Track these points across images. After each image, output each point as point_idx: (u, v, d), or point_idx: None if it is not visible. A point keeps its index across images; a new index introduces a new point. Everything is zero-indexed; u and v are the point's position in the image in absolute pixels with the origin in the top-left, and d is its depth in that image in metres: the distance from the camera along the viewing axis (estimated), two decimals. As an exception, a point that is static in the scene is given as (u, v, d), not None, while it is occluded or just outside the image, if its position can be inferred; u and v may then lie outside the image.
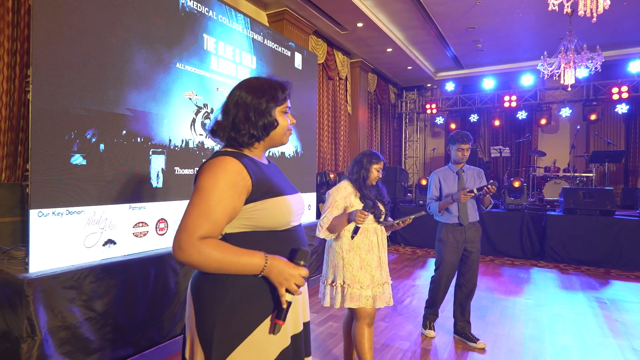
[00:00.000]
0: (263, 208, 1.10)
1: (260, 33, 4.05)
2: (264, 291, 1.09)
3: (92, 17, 2.53)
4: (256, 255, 1.04)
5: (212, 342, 1.04)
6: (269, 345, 1.08)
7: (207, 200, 1.02)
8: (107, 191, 2.62)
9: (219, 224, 1.03)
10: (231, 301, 1.05)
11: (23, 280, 2.09)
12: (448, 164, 3.04)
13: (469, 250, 2.90)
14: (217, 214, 1.02)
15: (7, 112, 3.21)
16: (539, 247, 5.96)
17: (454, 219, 2.89)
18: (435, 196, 3.00)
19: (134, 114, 2.79)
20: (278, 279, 1.05)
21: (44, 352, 2.11)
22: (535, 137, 9.86)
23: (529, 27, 7.15)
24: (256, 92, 1.16)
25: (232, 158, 1.09)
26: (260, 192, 1.10)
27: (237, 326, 1.05)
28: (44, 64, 2.28)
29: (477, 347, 2.81)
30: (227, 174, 1.05)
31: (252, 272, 1.04)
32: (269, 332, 1.08)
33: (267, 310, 1.09)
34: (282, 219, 1.14)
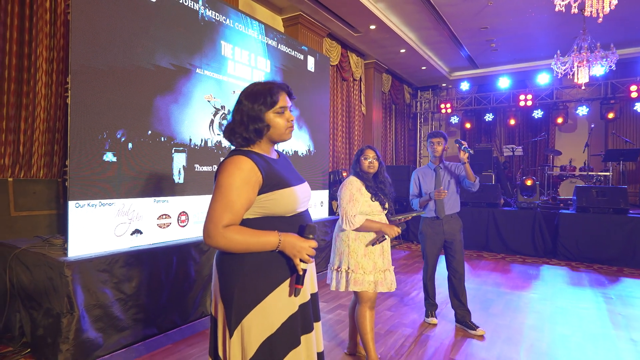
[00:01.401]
0: (273, 198, 1.30)
1: (274, 38, 4.29)
2: (274, 265, 1.29)
3: (121, 29, 2.81)
4: (271, 235, 1.26)
5: (232, 306, 1.26)
6: (278, 310, 1.28)
7: (228, 196, 1.23)
8: (135, 185, 2.89)
9: (239, 214, 1.25)
10: (247, 272, 1.27)
11: (63, 262, 2.37)
12: (429, 162, 3.27)
13: (449, 241, 3.11)
14: (236, 206, 1.24)
15: (45, 115, 3.54)
16: (551, 245, 5.99)
17: (431, 213, 3.12)
18: (415, 193, 3.25)
19: (158, 115, 3.06)
20: (292, 252, 1.26)
21: (81, 327, 2.39)
22: (552, 136, 9.79)
23: (543, 26, 7.17)
24: (250, 98, 1.35)
25: (245, 157, 1.28)
26: (270, 184, 1.30)
27: (252, 293, 1.26)
28: (80, 72, 2.56)
29: (476, 334, 2.96)
30: (242, 172, 1.25)
31: (269, 248, 1.26)
32: (289, 295, 1.30)
33: (277, 281, 1.29)
34: (290, 207, 1.33)
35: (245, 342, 1.25)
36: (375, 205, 2.39)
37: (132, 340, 2.70)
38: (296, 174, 1.49)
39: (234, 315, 1.25)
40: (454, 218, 3.12)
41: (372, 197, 2.38)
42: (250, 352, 1.24)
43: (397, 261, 5.56)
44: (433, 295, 3.25)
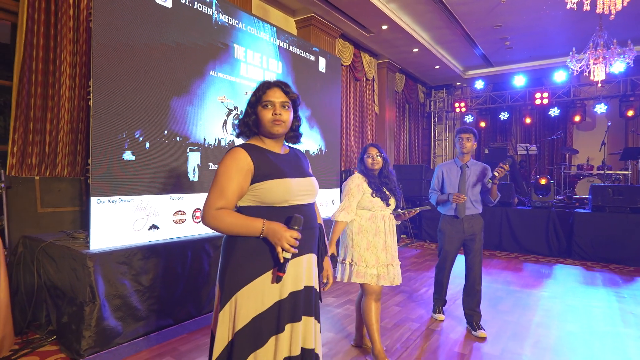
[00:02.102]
0: (264, 187, 1.40)
1: (285, 40, 4.40)
2: (262, 252, 1.39)
3: (139, 34, 2.96)
4: (257, 221, 1.35)
5: (224, 284, 1.39)
6: (266, 294, 1.38)
7: (221, 182, 1.38)
8: (152, 183, 3.04)
9: (230, 199, 1.38)
10: (237, 256, 1.39)
11: (86, 255, 2.53)
12: (455, 158, 3.20)
13: (469, 240, 3.06)
14: (227, 191, 1.37)
15: (69, 117, 3.74)
16: (565, 245, 5.93)
17: (451, 212, 3.07)
18: (435, 188, 3.21)
19: (174, 116, 3.21)
20: (273, 240, 1.34)
21: (102, 315, 2.55)
22: (570, 135, 9.63)
23: (559, 23, 7.08)
24: (252, 93, 1.51)
25: (240, 148, 1.42)
26: (261, 174, 1.40)
27: (241, 275, 1.37)
28: (101, 76, 2.73)
29: (477, 335, 2.92)
30: (235, 161, 1.39)
31: (254, 233, 1.35)
32: (271, 282, 1.38)
33: (265, 267, 1.38)
34: (281, 197, 1.41)
35: (236, 315, 1.35)
36: (376, 201, 2.46)
37: (150, 329, 2.85)
38: (302, 169, 1.56)
39: (225, 291, 1.38)
40: (475, 217, 3.06)
41: (372, 193, 2.46)
42: (239, 324, 1.35)
43: (409, 259, 5.60)
44: (445, 293, 3.26)
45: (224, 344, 1.36)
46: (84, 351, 2.47)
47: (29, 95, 3.48)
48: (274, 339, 1.38)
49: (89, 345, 2.48)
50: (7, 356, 2.47)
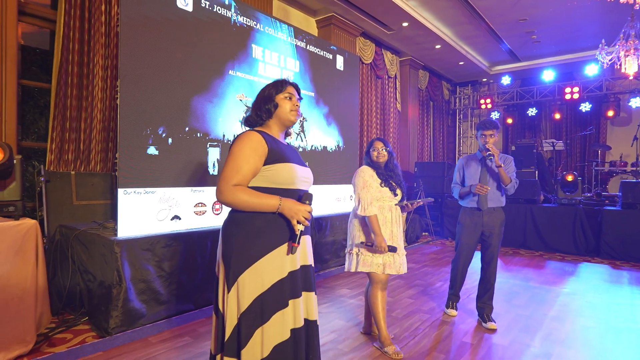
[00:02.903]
0: (274, 169, 1.51)
1: (303, 40, 4.53)
2: (268, 232, 1.48)
3: (162, 37, 3.17)
4: (273, 198, 1.47)
5: (230, 265, 1.46)
6: (271, 271, 1.47)
7: (237, 160, 1.47)
8: (174, 176, 3.24)
9: (246, 177, 1.48)
10: (244, 236, 1.47)
11: (113, 241, 2.75)
12: (477, 151, 3.14)
13: (487, 234, 3.03)
14: (244, 169, 1.46)
15: (101, 116, 4.01)
16: (594, 243, 5.74)
17: (473, 204, 3.04)
18: (457, 181, 3.19)
19: (195, 114, 3.40)
20: (290, 214, 1.46)
21: (128, 297, 2.76)
22: (604, 131, 9.25)
23: (589, 14, 6.84)
24: (265, 88, 1.67)
25: (256, 132, 1.54)
26: (273, 157, 1.52)
27: (248, 254, 1.46)
28: (128, 77, 2.94)
29: (487, 327, 2.93)
30: (251, 142, 1.50)
31: (270, 209, 1.46)
32: (287, 253, 1.49)
33: (271, 246, 1.48)
34: (288, 179, 1.53)
35: (240, 297, 1.44)
36: (385, 191, 2.54)
37: (171, 312, 3.05)
38: (300, 160, 1.68)
39: (231, 273, 1.46)
40: (497, 211, 3.01)
41: (381, 183, 2.53)
42: (244, 305, 1.43)
43: (428, 255, 5.60)
44: (459, 288, 3.23)
45: (234, 322, 1.45)
46: (112, 329, 2.68)
47: (65, 96, 3.77)
48: (279, 313, 1.47)
49: (116, 324, 2.70)
50: (44, 333, 2.72)
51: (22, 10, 3.55)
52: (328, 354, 2.47)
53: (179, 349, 2.53)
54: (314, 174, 4.74)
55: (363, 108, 7.41)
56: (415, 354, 2.48)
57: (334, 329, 2.87)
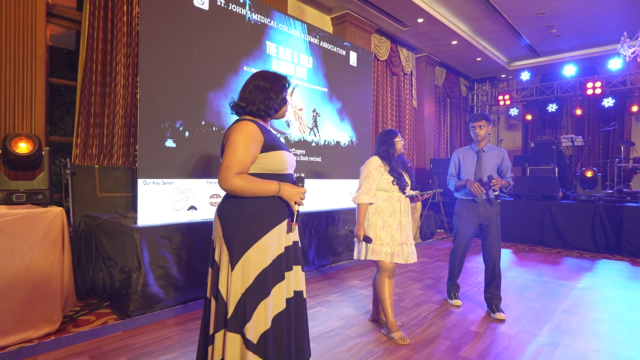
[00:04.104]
0: (270, 157, 1.64)
1: (316, 36, 4.61)
2: (267, 212, 1.62)
3: (180, 35, 3.31)
4: (273, 183, 1.61)
5: (234, 245, 1.57)
6: (271, 248, 1.61)
7: (239, 150, 1.55)
8: (191, 168, 3.38)
9: (247, 165, 1.58)
10: (246, 218, 1.59)
11: (133, 228, 2.90)
12: (472, 144, 3.22)
13: (485, 225, 3.06)
14: (245, 158, 1.56)
15: (123, 112, 4.20)
16: (614, 241, 5.62)
17: (468, 195, 3.10)
18: (453, 174, 3.26)
19: (211, 108, 3.53)
20: (288, 196, 1.62)
21: (147, 282, 2.90)
22: (628, 126, 8.98)
23: (610, 6, 6.67)
24: (271, 81, 1.73)
25: (252, 123, 1.63)
26: (268, 146, 1.64)
27: (250, 234, 1.58)
28: (147, 73, 3.09)
29: (496, 317, 2.95)
30: (249, 132, 1.59)
31: (271, 193, 1.60)
32: (287, 232, 1.65)
33: (271, 225, 1.61)
34: (281, 165, 1.67)
35: (244, 274, 1.56)
36: (395, 187, 2.60)
37: (188, 298, 3.19)
38: (286, 147, 1.79)
39: (236, 252, 1.56)
40: (490, 203, 3.06)
41: (393, 181, 2.58)
42: (248, 281, 1.56)
43: (442, 250, 5.60)
44: (457, 277, 3.29)
45: (238, 297, 1.55)
46: (132, 312, 2.83)
47: (90, 93, 3.97)
48: (278, 286, 1.61)
49: (135, 308, 2.85)
50: (69, 315, 2.89)
51: (50, 12, 3.76)
52: (336, 338, 2.55)
53: (193, 331, 2.65)
54: (327, 169, 4.83)
55: (378, 104, 7.44)
56: (421, 340, 2.53)
57: (343, 317, 2.94)
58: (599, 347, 2.46)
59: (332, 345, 2.46)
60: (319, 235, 4.43)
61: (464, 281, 3.89)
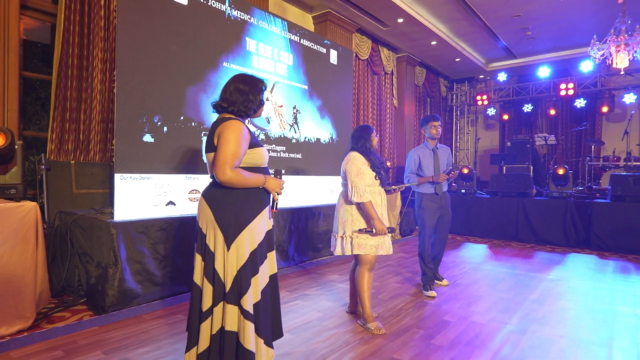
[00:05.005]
0: (255, 152, 1.84)
1: (296, 34, 4.65)
2: (255, 199, 1.81)
3: (158, 29, 3.29)
4: (261, 176, 1.82)
5: (229, 228, 1.73)
6: (259, 231, 1.81)
7: (234, 146, 1.71)
8: (169, 163, 3.37)
9: (240, 159, 1.74)
10: (238, 203, 1.76)
11: (110, 223, 2.88)
12: (424, 142, 3.55)
13: (443, 214, 3.50)
14: (238, 153, 1.72)
15: (100, 107, 4.14)
16: (584, 236, 5.84)
17: (431, 190, 3.47)
18: (413, 171, 3.50)
19: (190, 103, 3.52)
20: (271, 187, 1.85)
21: (123, 277, 2.89)
22: (599, 126, 9.32)
23: (583, 10, 6.92)
24: (251, 84, 1.87)
25: (241, 122, 1.81)
26: (253, 143, 1.83)
27: (243, 217, 1.76)
28: (124, 68, 3.07)
29: (428, 295, 3.35)
30: (241, 131, 1.75)
31: (259, 185, 1.81)
32: (269, 218, 1.89)
33: (258, 210, 1.81)
34: (262, 160, 1.88)
35: (239, 253, 1.73)
36: (377, 181, 2.67)
37: (166, 293, 3.18)
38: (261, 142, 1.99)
39: (231, 234, 1.73)
40: (446, 195, 3.53)
41: (375, 176, 2.65)
42: (242, 260, 1.74)
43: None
44: (429, 264, 3.49)
45: (234, 274, 1.73)
46: (108, 307, 2.81)
47: (65, 88, 3.90)
48: (264, 264, 1.83)
49: (112, 303, 2.83)
50: (43, 312, 2.85)
51: (24, 4, 3.69)
52: (313, 330, 2.60)
53: (171, 325, 2.65)
54: (308, 165, 4.86)
55: (359, 103, 7.52)
56: (396, 330, 2.60)
57: (320, 309, 2.99)
58: (564, 333, 2.58)
59: (309, 336, 2.50)
60: (299, 231, 4.47)
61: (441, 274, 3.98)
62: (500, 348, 2.36)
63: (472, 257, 5.04)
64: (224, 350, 1.71)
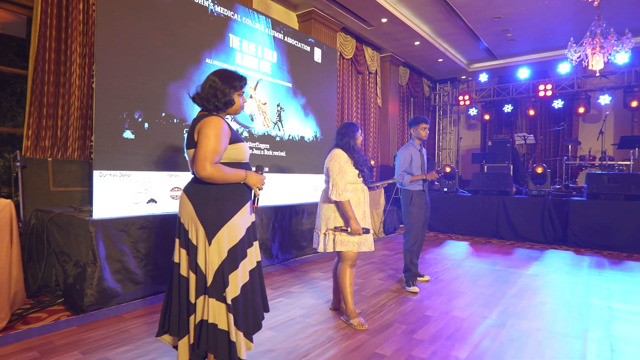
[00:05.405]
0: (236, 148, 1.83)
1: (280, 31, 4.63)
2: (235, 195, 1.81)
3: (140, 24, 3.24)
4: (242, 171, 1.82)
5: (210, 223, 1.72)
6: (238, 229, 1.80)
7: (215, 142, 1.70)
8: (150, 160, 3.31)
9: (220, 155, 1.74)
10: (220, 198, 1.76)
11: (88, 221, 2.81)
12: (410, 142, 3.62)
13: (427, 210, 3.64)
14: (218, 149, 1.71)
15: (79, 103, 4.05)
16: (561, 233, 6.00)
17: (420, 187, 3.57)
18: (407, 169, 3.52)
19: (172, 100, 3.47)
20: (252, 183, 1.86)
21: (102, 276, 2.83)
22: (576, 126, 9.60)
23: (561, 13, 7.10)
24: (225, 80, 1.83)
25: (220, 118, 1.78)
26: (233, 138, 1.83)
27: (224, 213, 1.75)
28: (104, 62, 3.01)
29: (411, 290, 3.42)
30: (222, 128, 1.74)
31: (240, 180, 1.81)
32: (250, 213, 1.88)
33: (239, 206, 1.81)
34: (243, 156, 1.87)
35: (220, 248, 1.73)
36: (359, 179, 2.68)
37: (147, 292, 3.13)
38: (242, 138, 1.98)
39: (212, 229, 1.73)
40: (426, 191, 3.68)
41: (358, 174, 2.65)
42: (223, 255, 1.74)
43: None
44: (417, 263, 3.54)
45: (215, 268, 1.73)
46: (87, 307, 2.75)
47: (42, 83, 3.80)
48: (244, 261, 1.82)
49: (90, 302, 2.77)
50: (18, 312, 2.77)
51: (-2, -5, 3.57)
52: (296, 326, 2.60)
53: (152, 324, 2.61)
54: (292, 163, 4.86)
55: (344, 102, 7.55)
56: (379, 326, 2.62)
57: (304, 306, 2.99)
58: (541, 326, 2.65)
59: (292, 332, 2.50)
60: (282, 229, 4.46)
61: (422, 271, 4.03)
62: (480, 341, 2.40)
63: (454, 254, 5.12)
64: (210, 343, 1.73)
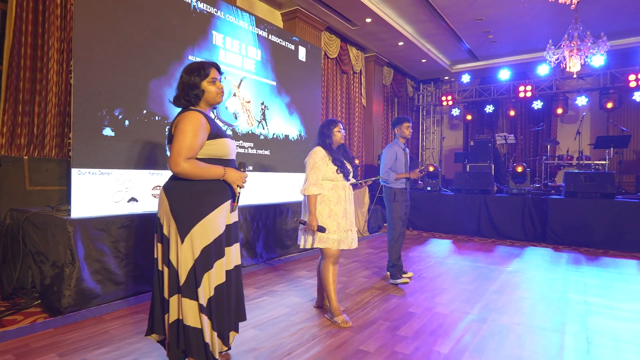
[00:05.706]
0: (215, 143, 1.79)
1: (264, 29, 4.61)
2: (212, 193, 1.77)
3: (121, 20, 3.17)
4: (219, 168, 1.77)
5: (182, 220, 1.70)
6: (214, 227, 1.76)
7: (188, 137, 1.68)
8: (131, 158, 3.25)
9: (195, 151, 1.72)
10: (194, 196, 1.73)
11: (66, 220, 2.74)
12: (395, 140, 3.70)
13: (407, 207, 3.74)
14: (193, 144, 1.69)
15: (57, 100, 3.94)
16: (540, 230, 6.15)
17: (402, 185, 3.68)
18: (393, 167, 3.60)
19: (153, 97, 3.41)
20: (232, 180, 1.80)
21: (81, 277, 2.76)
22: (554, 127, 9.84)
23: (541, 15, 7.26)
24: (188, 72, 1.81)
25: (198, 112, 1.76)
26: (214, 133, 1.79)
27: (197, 211, 1.73)
28: (82, 57, 2.94)
29: (407, 276, 3.67)
30: (197, 121, 1.72)
31: (217, 177, 1.76)
32: (230, 211, 1.83)
33: (215, 205, 1.76)
34: (226, 151, 1.83)
35: (193, 246, 1.71)
36: (339, 176, 2.68)
37: (128, 293, 3.07)
38: (227, 134, 1.94)
39: (184, 226, 1.70)
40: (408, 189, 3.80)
41: (337, 170, 2.66)
42: (196, 254, 1.71)
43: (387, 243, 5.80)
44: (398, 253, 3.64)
45: (189, 267, 1.71)
46: (64, 309, 2.68)
47: (17, 79, 3.68)
48: (219, 261, 1.78)
49: (68, 304, 2.70)
50: (-7, 315, 2.68)
51: (-30, -13, 3.45)
52: (280, 325, 2.59)
53: (133, 324, 2.56)
54: (276, 162, 4.84)
55: (328, 101, 7.56)
56: (363, 323, 2.64)
57: (288, 305, 2.98)
58: (521, 321, 2.71)
59: (276, 331, 2.49)
60: (267, 228, 4.44)
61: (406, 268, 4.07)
62: (462, 336, 2.44)
63: (437, 251, 5.19)
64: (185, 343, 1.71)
